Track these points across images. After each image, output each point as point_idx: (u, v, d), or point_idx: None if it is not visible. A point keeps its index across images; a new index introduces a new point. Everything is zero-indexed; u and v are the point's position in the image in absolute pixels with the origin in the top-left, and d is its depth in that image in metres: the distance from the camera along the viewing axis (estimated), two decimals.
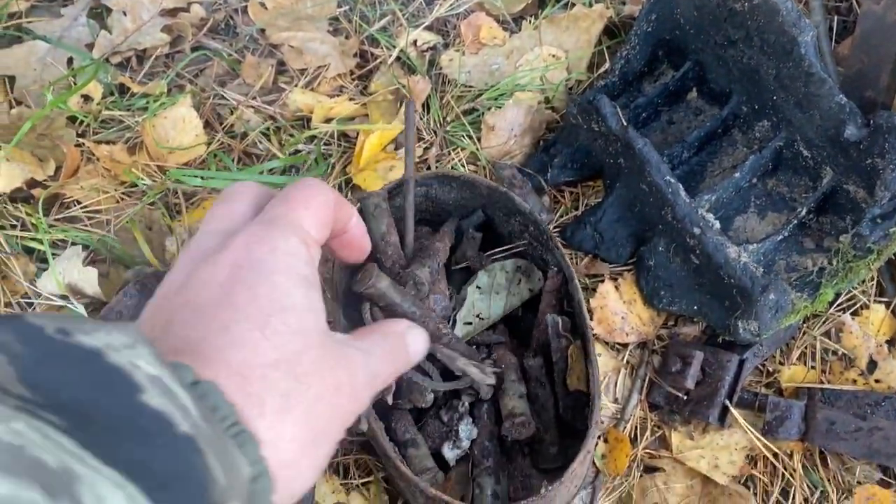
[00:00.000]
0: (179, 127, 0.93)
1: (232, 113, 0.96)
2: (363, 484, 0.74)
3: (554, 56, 0.95)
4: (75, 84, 0.95)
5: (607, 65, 0.94)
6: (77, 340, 0.26)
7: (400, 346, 0.42)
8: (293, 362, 0.33)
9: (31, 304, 0.82)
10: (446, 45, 1.00)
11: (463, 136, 0.91)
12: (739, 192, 0.80)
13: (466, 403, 0.69)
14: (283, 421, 0.32)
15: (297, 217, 0.37)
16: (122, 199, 0.88)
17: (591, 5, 0.97)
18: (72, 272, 0.80)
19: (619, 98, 0.87)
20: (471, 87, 0.95)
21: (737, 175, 0.78)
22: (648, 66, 0.89)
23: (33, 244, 0.84)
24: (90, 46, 1.00)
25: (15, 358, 0.25)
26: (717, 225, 0.75)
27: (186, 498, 0.25)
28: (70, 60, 0.99)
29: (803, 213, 0.77)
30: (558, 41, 0.96)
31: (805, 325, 0.80)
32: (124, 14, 1.02)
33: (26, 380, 0.24)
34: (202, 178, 0.87)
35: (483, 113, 0.91)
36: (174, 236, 0.85)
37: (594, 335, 0.75)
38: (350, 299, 0.68)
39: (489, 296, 0.73)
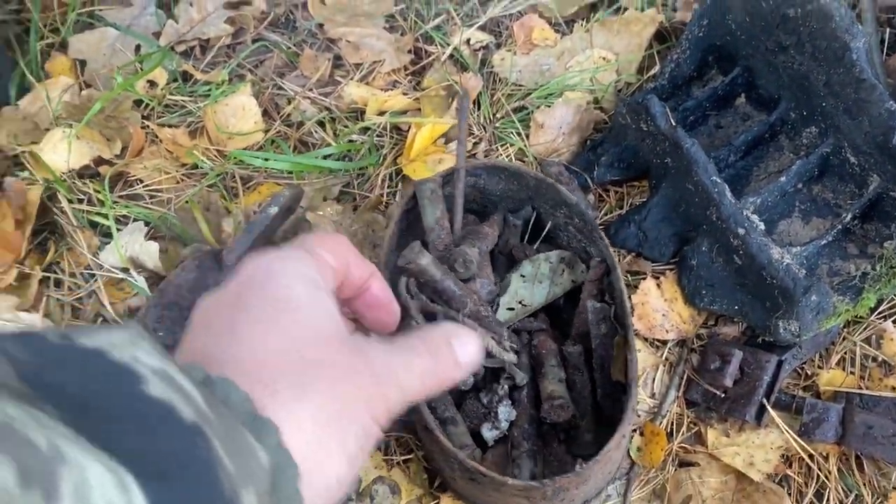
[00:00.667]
0: (239, 114, 0.97)
1: (289, 103, 0.99)
2: (404, 461, 0.76)
3: (604, 58, 0.97)
4: (142, 70, 0.99)
5: (657, 68, 0.95)
6: (79, 342, 0.26)
7: (440, 347, 0.39)
8: (303, 350, 0.33)
9: (93, 276, 0.86)
10: (498, 45, 1.02)
11: (512, 133, 0.93)
12: (785, 196, 0.81)
13: (506, 386, 0.71)
14: (300, 404, 0.31)
15: (310, 243, 0.38)
16: (183, 179, 0.92)
17: (642, 10, 0.99)
18: (133, 246, 0.84)
19: (668, 101, 0.88)
20: (521, 85, 0.98)
21: (783, 179, 0.79)
22: (698, 71, 0.91)
23: (98, 219, 0.88)
24: (157, 35, 1.05)
25: (15, 359, 0.24)
26: (762, 226, 0.76)
27: (190, 485, 0.24)
28: (138, 47, 1.04)
29: (848, 218, 0.78)
30: (609, 44, 0.98)
31: (845, 331, 0.80)
32: (190, 5, 1.07)
33: (26, 377, 0.24)
34: (264, 159, 0.90)
35: (532, 111, 0.94)
36: (231, 217, 0.88)
37: (634, 331, 0.77)
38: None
39: (532, 284, 0.75)
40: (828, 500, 0.74)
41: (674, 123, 0.79)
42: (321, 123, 0.97)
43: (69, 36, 1.03)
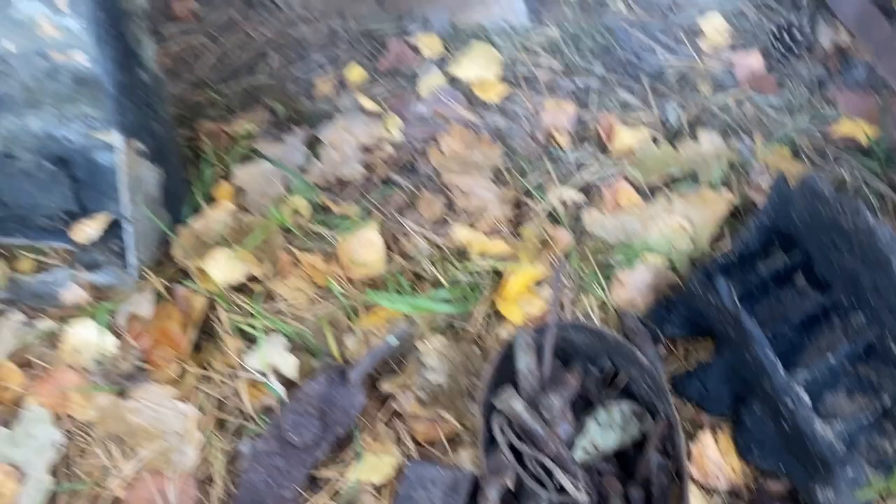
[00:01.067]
0: (366, 246, 1.15)
1: (407, 239, 1.17)
2: None
3: (682, 226, 1.12)
4: (289, 199, 1.20)
5: (727, 240, 1.10)
6: None
7: None
8: None
9: (237, 376, 1.04)
10: (589, 205, 1.18)
11: (595, 285, 1.08)
12: (832, 372, 0.93)
13: None
14: None
15: None
16: (316, 299, 1.10)
17: (718, 188, 1.14)
18: (274, 355, 1.02)
19: (734, 273, 1.02)
20: (607, 242, 1.13)
21: (832, 359, 0.91)
22: (763, 249, 1.04)
23: (246, 327, 1.07)
24: (303, 169, 1.26)
25: None
26: (809, 401, 0.88)
27: None
28: (287, 180, 1.24)
29: (888, 400, 0.89)
30: (687, 214, 1.13)
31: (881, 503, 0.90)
32: (332, 148, 1.28)
33: None
34: (389, 300, 1.07)
35: (616, 268, 1.09)
36: (353, 335, 1.06)
37: (690, 478, 0.89)
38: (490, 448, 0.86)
39: (606, 430, 0.88)
40: None
41: (737, 303, 0.93)
42: (432, 260, 1.14)
43: (233, 166, 1.24)
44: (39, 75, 1.13)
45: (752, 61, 1.34)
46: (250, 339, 1.06)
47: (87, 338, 1.06)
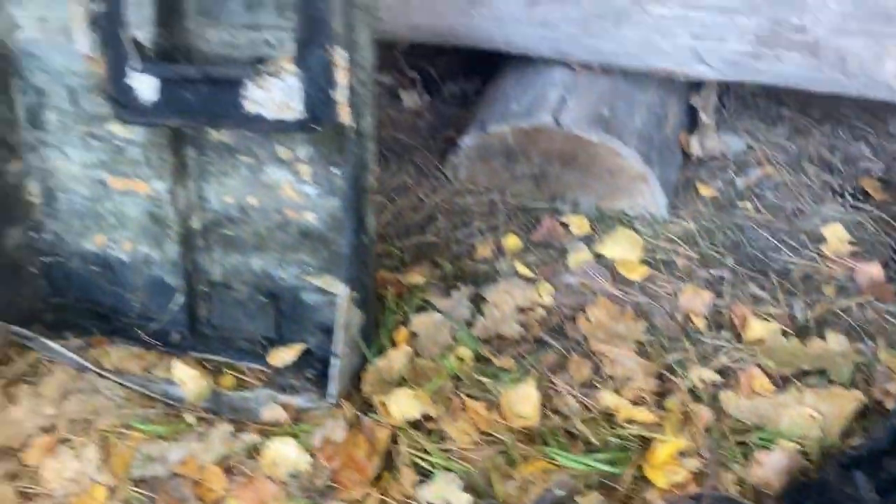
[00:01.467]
0: (524, 400, 1.31)
1: (560, 397, 1.32)
2: None
3: (812, 417, 1.24)
4: (456, 348, 1.38)
5: (856, 435, 1.21)
6: None
7: None
8: None
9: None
10: (726, 386, 1.32)
11: (734, 462, 1.21)
12: None
13: None
14: None
15: None
16: (481, 443, 1.25)
17: (847, 387, 1.27)
18: (447, 491, 1.16)
19: (866, 466, 1.13)
20: (743, 423, 1.26)
21: None
22: (892, 448, 1.16)
23: (419, 461, 1.22)
24: (469, 323, 1.44)
25: None
26: None
27: None
28: (454, 330, 1.43)
29: None
30: (817, 406, 1.26)
31: None
32: (493, 306, 1.47)
33: None
34: (549, 453, 1.21)
35: (752, 448, 1.21)
36: (513, 481, 1.19)
37: None
38: None
39: None
40: None
41: (876, 497, 1.04)
42: (582, 420, 1.29)
43: (410, 314, 1.44)
44: (272, 226, 1.37)
45: (872, 270, 1.50)
46: (423, 474, 1.21)
47: (285, 453, 1.23)
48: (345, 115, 1.10)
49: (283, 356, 1.39)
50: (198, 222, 1.40)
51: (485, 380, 1.34)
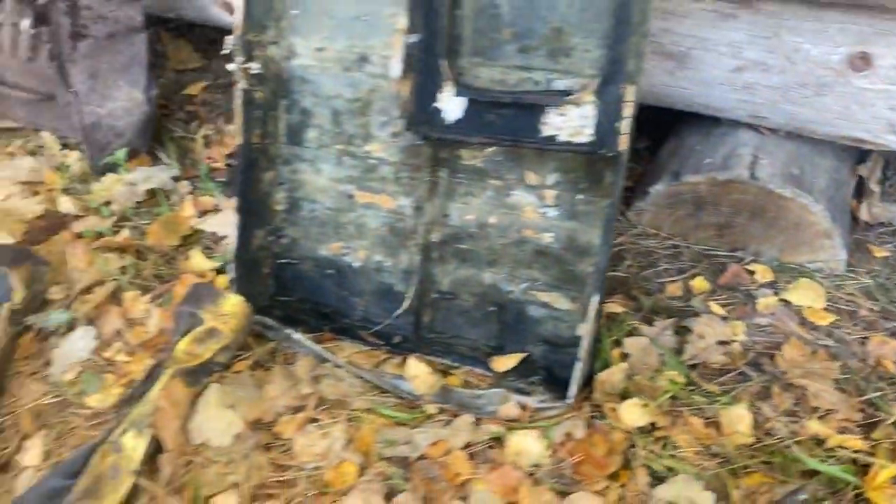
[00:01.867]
0: (737, 419, 1.41)
1: (768, 422, 1.42)
2: None
3: None
4: (665, 372, 1.49)
5: None
6: None
7: None
8: None
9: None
10: None
11: None
12: None
13: None
14: None
15: None
16: (703, 455, 1.35)
17: None
18: (686, 490, 1.26)
19: None
20: None
21: None
22: None
23: (655, 465, 1.32)
24: (676, 350, 1.56)
25: None
26: None
27: None
28: (660, 355, 1.55)
29: None
30: None
31: None
32: (699, 337, 1.59)
33: None
34: (767, 466, 1.32)
35: None
36: (739, 490, 1.29)
37: None
38: None
39: None
40: None
41: None
42: (786, 445, 1.38)
43: (621, 337, 1.57)
44: (508, 243, 1.52)
45: None
46: (654, 476, 1.31)
47: (527, 445, 1.34)
48: (623, 144, 1.26)
49: (506, 363, 1.52)
50: (437, 236, 1.56)
51: (699, 399, 1.45)
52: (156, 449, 1.36)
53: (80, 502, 1.24)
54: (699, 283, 1.75)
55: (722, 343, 1.58)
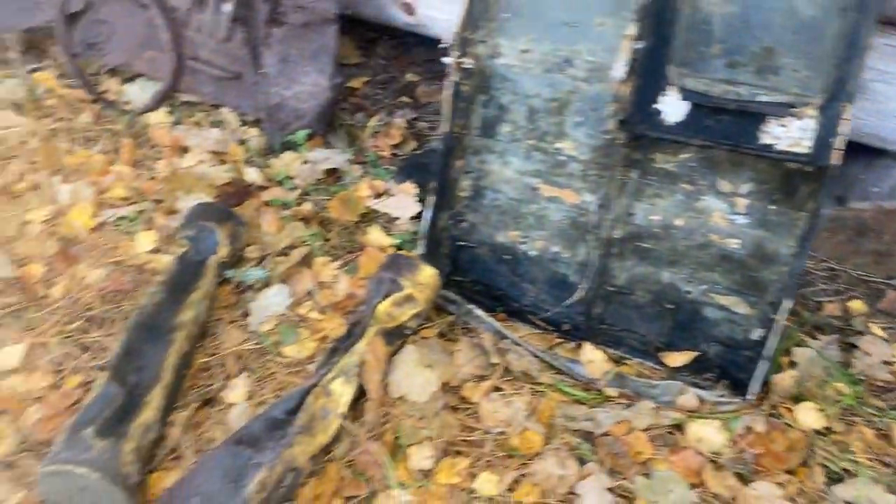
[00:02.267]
0: None
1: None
2: None
3: None
4: (832, 383, 1.55)
5: None
6: None
7: None
8: None
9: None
10: None
11: None
12: None
13: None
14: None
15: None
16: (876, 461, 1.41)
17: None
18: (867, 490, 1.32)
19: None
20: None
21: None
22: None
23: (832, 465, 1.38)
24: (843, 363, 1.62)
25: None
26: None
27: None
28: (826, 366, 1.61)
29: None
30: None
31: None
32: (865, 354, 1.64)
33: None
34: None
35: None
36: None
37: None
38: None
39: None
40: None
41: None
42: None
43: (790, 346, 1.63)
44: (691, 246, 1.61)
45: None
46: (830, 476, 1.37)
47: (708, 434, 1.42)
48: (836, 158, 1.34)
49: (679, 359, 1.60)
50: (619, 233, 1.66)
51: (870, 410, 1.51)
52: (358, 396, 1.48)
53: (299, 435, 1.36)
54: (857, 305, 1.80)
55: (886, 363, 1.63)
